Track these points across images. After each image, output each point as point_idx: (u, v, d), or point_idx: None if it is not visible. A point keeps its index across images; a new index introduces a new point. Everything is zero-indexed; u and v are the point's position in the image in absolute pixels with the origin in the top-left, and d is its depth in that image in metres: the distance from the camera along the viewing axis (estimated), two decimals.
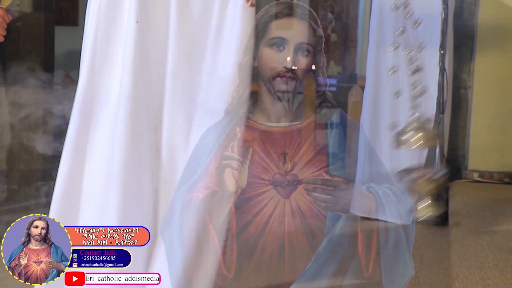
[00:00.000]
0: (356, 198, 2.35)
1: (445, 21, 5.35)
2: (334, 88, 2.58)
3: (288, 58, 2.43)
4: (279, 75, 2.43)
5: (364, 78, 5.81)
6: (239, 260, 2.42)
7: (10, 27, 3.71)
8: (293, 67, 2.43)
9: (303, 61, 2.45)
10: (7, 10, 3.72)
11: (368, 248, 2.37)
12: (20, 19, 5.95)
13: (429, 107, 5.47)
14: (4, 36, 3.07)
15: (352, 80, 7.61)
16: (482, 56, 6.12)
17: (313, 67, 2.51)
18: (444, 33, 5.34)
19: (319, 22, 2.50)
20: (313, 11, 2.52)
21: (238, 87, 2.51)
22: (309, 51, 2.46)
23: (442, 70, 5.33)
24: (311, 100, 2.53)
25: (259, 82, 2.50)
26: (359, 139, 2.50)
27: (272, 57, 2.45)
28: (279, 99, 2.46)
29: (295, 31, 2.44)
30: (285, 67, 2.42)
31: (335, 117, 2.53)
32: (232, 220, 2.43)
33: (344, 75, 7.75)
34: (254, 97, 2.52)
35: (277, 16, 2.46)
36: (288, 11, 2.46)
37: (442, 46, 5.32)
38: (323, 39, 2.52)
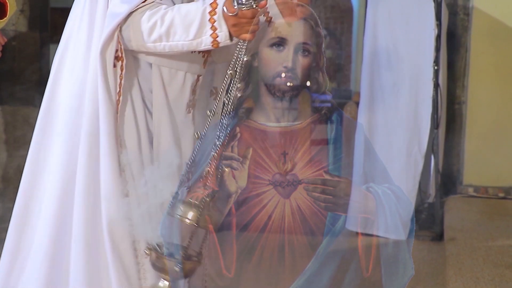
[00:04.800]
0: (356, 198, 2.34)
1: (438, 37, 5.39)
2: (329, 104, 2.58)
3: (288, 58, 2.43)
4: (279, 75, 2.43)
5: (358, 94, 5.84)
6: (239, 260, 2.41)
7: (5, 46, 3.72)
8: (293, 67, 2.43)
9: (303, 61, 2.45)
10: (2, 30, 3.74)
11: (368, 248, 2.37)
12: (15, 38, 5.95)
13: (424, 122, 5.51)
14: None
15: (346, 96, 7.65)
16: (476, 71, 6.17)
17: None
18: (437, 49, 5.38)
19: (319, 22, 2.51)
20: (313, 11, 2.52)
21: (238, 87, 2.51)
22: (309, 51, 2.46)
23: (436, 86, 5.36)
24: (311, 100, 2.53)
25: (259, 82, 2.50)
26: (359, 139, 2.50)
27: (272, 57, 2.44)
28: (279, 99, 2.46)
29: (295, 31, 2.45)
30: (285, 67, 2.43)
31: (334, 117, 2.53)
32: (232, 220, 2.42)
33: (339, 91, 7.79)
34: (254, 97, 2.53)
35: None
36: (288, 11, 2.46)
37: (436, 62, 5.35)
38: (323, 39, 2.52)
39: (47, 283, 2.56)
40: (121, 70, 2.43)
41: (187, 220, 2.34)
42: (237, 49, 2.37)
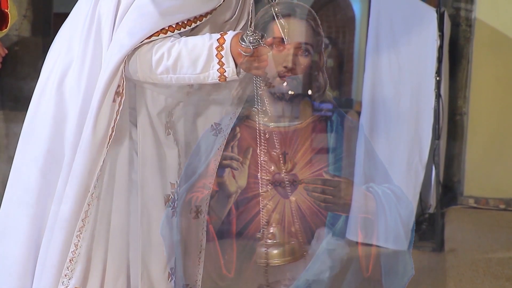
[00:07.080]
0: (356, 198, 2.34)
1: (440, 48, 5.39)
2: (330, 113, 2.58)
3: (288, 58, 2.43)
4: (279, 75, 2.44)
5: (360, 103, 5.83)
6: (239, 260, 2.41)
7: (8, 52, 3.72)
8: (293, 67, 2.44)
9: (303, 61, 2.46)
10: (5, 35, 3.74)
11: (368, 248, 2.36)
12: (18, 43, 5.95)
13: (425, 132, 5.50)
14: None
15: (348, 105, 7.64)
16: (477, 82, 6.16)
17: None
18: (439, 60, 5.38)
19: (319, 22, 2.51)
20: (313, 11, 2.53)
21: (238, 87, 2.51)
22: (309, 51, 2.46)
23: (438, 97, 5.35)
24: (311, 100, 2.54)
25: (259, 82, 2.50)
26: (359, 139, 2.50)
27: (272, 57, 2.44)
28: (279, 99, 2.46)
29: (295, 31, 2.45)
30: (285, 67, 2.43)
31: (335, 117, 2.54)
32: (232, 220, 2.42)
33: (340, 101, 7.78)
34: (254, 97, 2.53)
35: (277, 16, 2.47)
36: (288, 11, 2.47)
37: (438, 73, 5.35)
38: (323, 39, 2.53)
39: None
40: (119, 106, 2.39)
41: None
42: (254, 84, 2.37)
